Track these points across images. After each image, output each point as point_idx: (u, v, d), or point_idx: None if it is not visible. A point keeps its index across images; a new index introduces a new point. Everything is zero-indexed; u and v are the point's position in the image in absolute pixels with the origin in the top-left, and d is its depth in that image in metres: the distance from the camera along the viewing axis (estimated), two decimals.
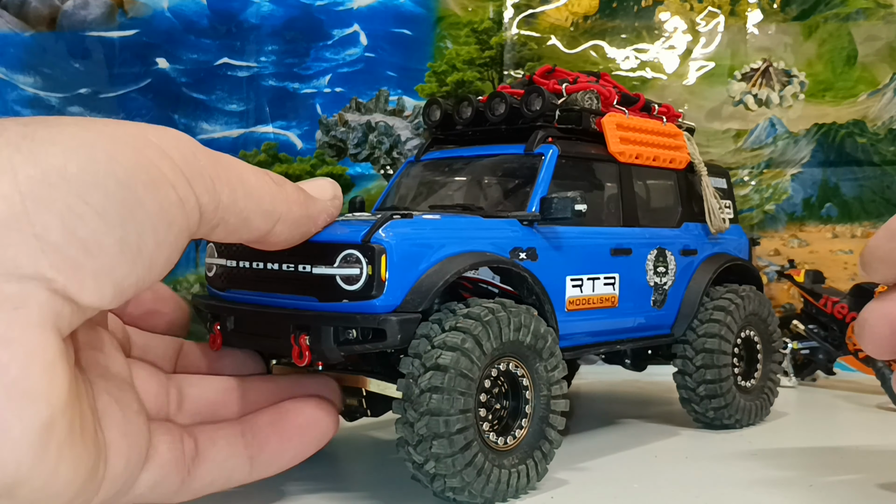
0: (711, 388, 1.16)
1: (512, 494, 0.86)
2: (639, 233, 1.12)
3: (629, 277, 1.09)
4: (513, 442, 0.87)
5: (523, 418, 0.88)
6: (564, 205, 0.95)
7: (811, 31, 1.96)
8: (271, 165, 1.89)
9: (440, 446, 0.79)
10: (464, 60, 1.91)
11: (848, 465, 1.01)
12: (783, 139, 1.93)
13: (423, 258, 0.85)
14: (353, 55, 1.93)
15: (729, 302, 1.20)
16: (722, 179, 1.30)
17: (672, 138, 1.19)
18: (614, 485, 0.93)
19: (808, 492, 0.89)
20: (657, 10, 1.97)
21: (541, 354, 0.89)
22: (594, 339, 1.07)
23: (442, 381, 0.79)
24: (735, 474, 0.96)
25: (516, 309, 0.87)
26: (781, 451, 1.05)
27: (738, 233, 1.32)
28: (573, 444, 1.12)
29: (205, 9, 1.92)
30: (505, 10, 1.95)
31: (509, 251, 0.94)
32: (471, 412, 0.80)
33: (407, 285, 0.83)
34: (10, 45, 1.89)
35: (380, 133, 1.90)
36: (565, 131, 1.08)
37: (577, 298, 1.02)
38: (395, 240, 0.83)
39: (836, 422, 1.33)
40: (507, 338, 0.85)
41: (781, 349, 1.31)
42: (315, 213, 0.80)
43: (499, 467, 0.84)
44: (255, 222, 0.73)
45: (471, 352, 0.81)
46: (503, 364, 0.86)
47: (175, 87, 1.90)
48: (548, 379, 0.90)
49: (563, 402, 0.91)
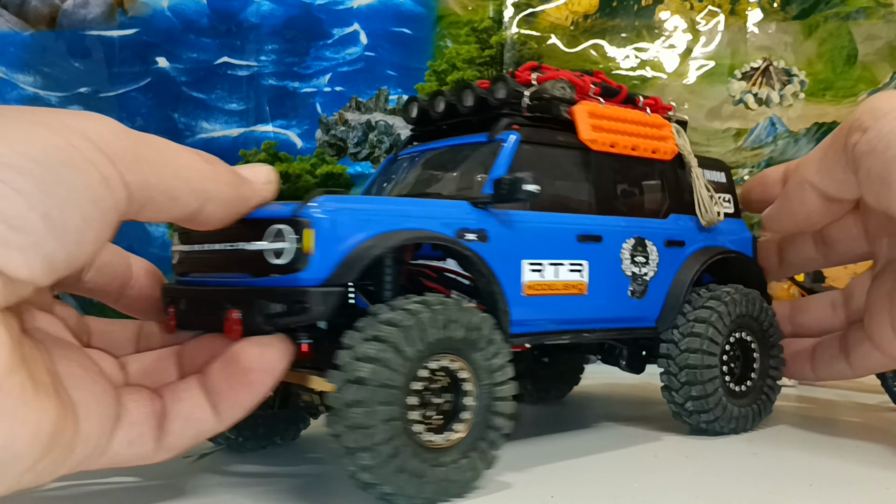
0: (698, 404, 1.12)
1: (458, 489, 0.85)
2: (612, 221, 1.09)
3: (600, 265, 1.06)
4: (454, 438, 0.85)
5: (464, 412, 0.87)
6: (515, 185, 0.94)
7: (811, 30, 1.96)
8: (271, 164, 1.89)
9: (368, 458, 0.79)
10: (464, 59, 1.91)
11: (848, 465, 1.01)
12: (783, 138, 1.93)
13: (353, 234, 0.85)
14: (353, 54, 1.93)
15: (710, 312, 1.13)
16: (720, 173, 1.28)
17: (657, 129, 1.17)
18: (614, 485, 0.93)
19: (808, 492, 0.90)
20: (657, 9, 1.97)
21: (476, 345, 0.87)
22: (559, 326, 1.05)
23: (363, 394, 0.78)
24: (735, 474, 0.96)
25: (443, 305, 0.85)
26: (781, 451, 1.05)
27: (739, 227, 1.28)
28: (573, 444, 1.12)
29: (205, 8, 1.92)
30: (505, 9, 1.95)
31: (455, 231, 0.93)
32: (396, 420, 0.80)
33: (334, 260, 0.83)
34: (10, 44, 1.89)
35: (380, 132, 1.90)
36: (534, 119, 1.07)
37: (536, 283, 1.00)
38: (322, 214, 0.83)
39: (836, 422, 1.33)
40: (435, 337, 0.83)
41: (781, 342, 1.24)
42: (247, 194, 0.82)
43: (437, 466, 0.83)
44: (183, 200, 0.75)
45: (389, 362, 0.80)
46: (436, 361, 0.85)
47: (175, 86, 1.91)
48: (488, 367, 0.88)
49: (508, 388, 0.89)
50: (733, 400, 1.16)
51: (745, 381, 1.18)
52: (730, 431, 1.15)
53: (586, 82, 1.13)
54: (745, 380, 1.18)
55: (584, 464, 1.02)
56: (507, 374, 0.90)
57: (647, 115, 1.18)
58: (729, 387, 1.15)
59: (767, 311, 1.21)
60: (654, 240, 1.14)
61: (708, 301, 1.15)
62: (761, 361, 1.20)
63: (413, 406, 0.82)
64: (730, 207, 1.27)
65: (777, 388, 1.23)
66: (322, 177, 1.90)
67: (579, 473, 0.98)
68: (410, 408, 0.81)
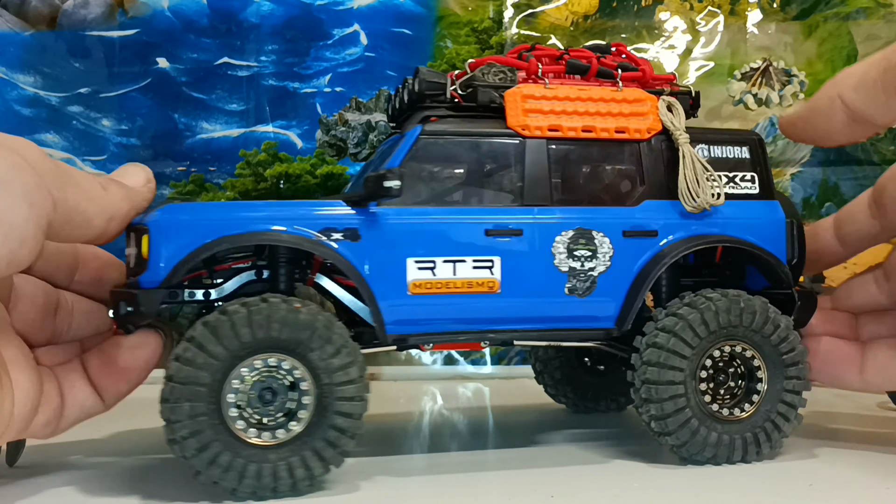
0: (660, 425, 0.99)
1: (287, 486, 0.88)
2: (540, 212, 1.02)
3: (518, 261, 1.00)
4: (284, 436, 0.88)
5: (301, 410, 0.89)
6: (377, 182, 0.93)
7: (811, 30, 1.96)
8: (271, 165, 1.89)
9: (178, 451, 0.85)
10: (464, 60, 1.90)
11: (848, 465, 1.01)
12: (783, 138, 1.93)
13: (187, 239, 0.91)
14: (354, 54, 1.93)
15: (677, 321, 0.99)
16: (741, 147, 1.11)
17: (629, 104, 1.07)
18: (614, 485, 0.93)
19: (808, 491, 0.90)
20: (657, 9, 1.97)
21: (310, 345, 0.88)
22: (463, 325, 1.00)
23: (172, 392, 0.85)
24: (735, 473, 0.96)
25: (264, 305, 0.88)
26: (781, 451, 1.05)
27: (759, 210, 1.09)
28: (573, 444, 1.13)
29: (205, 8, 1.92)
30: (505, 10, 1.95)
31: (318, 231, 0.94)
32: (203, 416, 0.85)
33: (170, 263, 0.90)
34: (10, 45, 1.89)
35: (380, 132, 1.90)
36: (460, 108, 1.05)
37: (426, 282, 0.97)
38: (157, 221, 0.91)
39: (836, 422, 1.33)
40: (252, 336, 0.86)
41: (803, 361, 1.03)
42: (138, 202, 0.92)
43: (261, 462, 0.86)
44: (94, 221, 0.85)
45: (195, 360, 0.85)
46: (262, 360, 0.88)
47: (175, 86, 1.90)
48: (326, 367, 0.89)
49: (351, 388, 0.89)
50: (716, 425, 1.00)
51: (743, 404, 1.02)
52: (706, 461, 1.00)
53: (532, 63, 1.07)
54: (744, 403, 1.02)
55: (583, 463, 1.02)
56: (350, 374, 0.89)
57: (619, 90, 1.08)
58: (709, 409, 1.00)
59: (777, 321, 1.02)
60: (607, 230, 1.03)
61: (680, 308, 1.01)
62: (770, 383, 1.02)
63: (231, 403, 0.86)
64: (750, 188, 1.10)
65: (795, 419, 1.03)
66: (322, 177, 1.90)
67: (579, 473, 0.98)
68: (229, 405, 0.86)
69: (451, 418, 1.40)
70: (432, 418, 1.40)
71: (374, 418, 1.00)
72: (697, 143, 1.08)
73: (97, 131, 1.90)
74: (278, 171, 1.89)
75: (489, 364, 1.90)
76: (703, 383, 1.01)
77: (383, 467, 1.01)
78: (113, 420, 1.03)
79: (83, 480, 0.96)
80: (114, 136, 1.89)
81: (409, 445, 1.19)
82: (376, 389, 0.94)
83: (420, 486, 0.95)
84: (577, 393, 1.37)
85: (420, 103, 1.06)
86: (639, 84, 1.10)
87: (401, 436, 1.25)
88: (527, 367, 1.89)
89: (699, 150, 1.08)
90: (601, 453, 1.07)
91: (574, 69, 1.08)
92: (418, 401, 1.59)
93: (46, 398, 0.88)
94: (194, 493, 0.89)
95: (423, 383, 1.79)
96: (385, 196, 0.94)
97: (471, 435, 1.26)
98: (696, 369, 1.00)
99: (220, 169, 1.90)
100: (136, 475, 0.98)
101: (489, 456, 1.11)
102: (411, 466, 1.05)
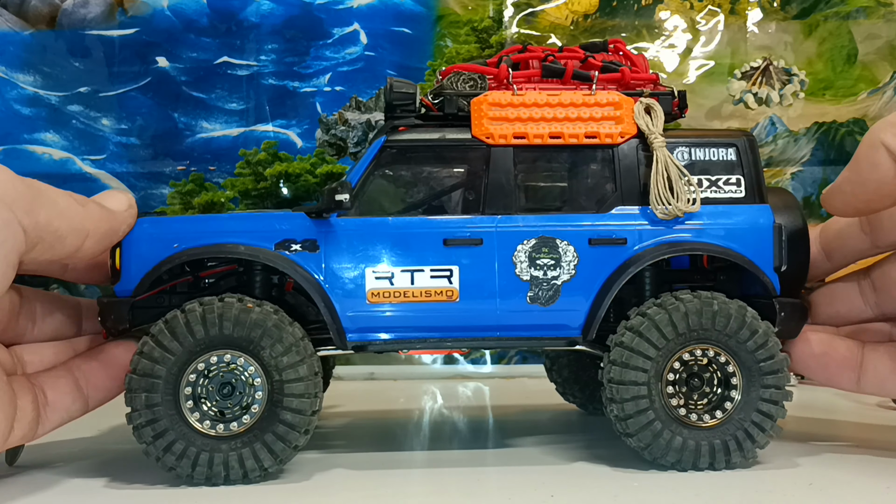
0: (622, 425, 0.98)
1: (238, 476, 0.92)
2: (500, 221, 1.01)
3: (478, 270, 1.00)
4: (237, 428, 0.93)
5: (254, 405, 0.93)
6: (329, 195, 0.96)
7: (811, 29, 1.96)
8: (271, 164, 1.89)
9: (138, 437, 0.92)
10: (464, 59, 1.91)
11: (848, 464, 1.01)
12: (783, 138, 1.93)
13: (154, 252, 0.97)
14: (353, 54, 1.93)
15: (643, 320, 0.97)
16: (727, 149, 1.06)
17: (601, 108, 1.04)
18: (614, 484, 0.93)
19: (808, 491, 0.89)
20: (657, 8, 1.97)
21: (260, 343, 0.93)
22: (420, 333, 1.01)
23: (135, 384, 0.91)
24: (735, 473, 0.96)
25: (216, 304, 0.93)
26: (781, 451, 1.05)
27: (742, 215, 1.04)
28: (573, 444, 1.12)
29: (205, 7, 1.92)
30: (505, 9, 1.95)
31: (276, 243, 0.98)
32: (159, 406, 0.91)
33: (139, 275, 0.97)
34: (10, 44, 1.89)
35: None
36: (429, 118, 1.05)
37: (383, 291, 0.99)
38: (127, 236, 0.97)
39: (836, 422, 1.33)
40: (207, 333, 0.92)
41: (783, 370, 0.99)
42: (117, 225, 0.94)
43: (213, 451, 0.92)
44: (68, 239, 0.87)
45: (153, 355, 0.92)
46: (217, 356, 0.93)
47: (175, 85, 1.91)
48: (276, 365, 0.93)
49: (300, 385, 0.93)
50: (682, 430, 0.97)
51: (714, 411, 0.98)
52: (671, 466, 0.97)
53: (502, 70, 1.06)
54: (715, 410, 0.98)
55: (583, 463, 1.02)
56: (299, 372, 0.94)
57: (592, 93, 1.04)
58: (676, 413, 0.97)
59: (754, 326, 0.98)
60: (571, 238, 1.01)
61: (650, 308, 0.99)
62: (746, 391, 0.98)
63: (188, 396, 0.92)
64: (735, 191, 1.05)
65: (771, 429, 0.99)
66: (322, 176, 1.90)
67: (579, 472, 0.98)
68: (186, 397, 0.92)
69: (451, 417, 1.40)
70: (432, 417, 1.40)
71: (375, 417, 1.01)
72: (678, 145, 1.05)
73: (97, 130, 1.90)
74: (278, 170, 1.89)
75: (489, 363, 1.91)
76: (671, 386, 0.98)
77: (383, 466, 1.01)
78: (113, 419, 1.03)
79: (83, 480, 0.96)
80: (113, 135, 1.89)
81: (409, 444, 1.19)
82: (377, 389, 0.94)
83: (420, 485, 0.95)
84: (584, 393, 1.37)
85: (390, 113, 1.05)
86: (618, 86, 1.08)
87: (401, 435, 1.25)
88: (527, 366, 1.89)
89: (678, 154, 1.05)
90: (601, 453, 1.06)
91: (550, 73, 1.07)
92: (418, 400, 1.59)
93: (22, 413, 0.89)
94: (194, 489, 0.90)
95: (423, 382, 1.79)
96: (337, 209, 0.97)
97: (471, 434, 1.26)
98: (661, 371, 0.98)
99: (220, 168, 1.90)
100: (136, 474, 0.98)
101: (489, 455, 1.10)
102: (411, 465, 1.05)
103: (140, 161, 1.89)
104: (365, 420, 1.31)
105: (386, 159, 1.03)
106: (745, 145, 1.07)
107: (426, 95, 1.06)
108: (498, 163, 1.02)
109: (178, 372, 0.92)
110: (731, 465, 0.97)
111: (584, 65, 1.08)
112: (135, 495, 0.90)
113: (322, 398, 0.98)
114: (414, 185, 1.09)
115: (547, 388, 1.42)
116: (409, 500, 0.89)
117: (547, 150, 1.04)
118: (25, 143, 1.89)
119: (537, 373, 1.60)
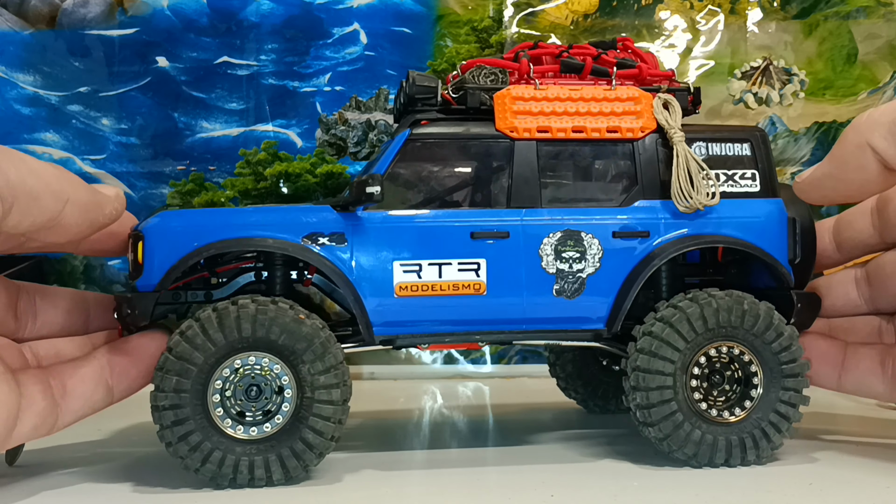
0: (644, 414, 0.99)
1: (245, 481, 0.90)
2: (527, 214, 1.02)
3: (505, 263, 1.00)
4: (256, 434, 0.91)
5: (279, 415, 0.92)
6: (360, 188, 0.96)
7: (811, 29, 1.96)
8: (271, 164, 1.89)
9: (162, 436, 0.90)
10: (464, 59, 1.91)
11: (848, 464, 1.01)
12: (783, 137, 1.93)
13: (180, 245, 0.95)
14: (353, 53, 1.93)
15: (675, 312, 0.98)
16: (742, 144, 1.08)
17: (622, 103, 1.05)
18: (614, 484, 0.93)
19: (808, 491, 0.90)
20: (657, 8, 1.97)
21: (302, 356, 0.91)
22: (448, 327, 1.01)
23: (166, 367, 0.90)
24: (734, 473, 0.96)
25: (270, 307, 0.91)
26: (781, 450, 1.05)
27: (758, 209, 1.06)
28: (573, 443, 1.13)
29: (205, 7, 1.91)
30: (505, 9, 1.95)
31: (303, 237, 0.97)
32: (186, 393, 0.89)
33: (163, 268, 0.94)
34: (10, 44, 1.89)
35: (380, 132, 1.90)
36: (452, 112, 1.05)
37: (411, 284, 0.99)
38: (152, 228, 0.95)
39: (836, 420, 1.33)
40: (254, 334, 0.90)
41: (803, 374, 1.01)
42: (101, 200, 0.89)
43: (226, 452, 0.90)
44: (45, 201, 0.81)
45: (184, 353, 0.89)
46: (255, 358, 0.91)
47: (175, 85, 1.90)
48: (312, 382, 0.92)
49: (329, 409, 0.92)
50: (701, 423, 0.98)
51: (734, 408, 1.00)
52: (686, 458, 0.98)
53: (524, 64, 1.06)
54: (735, 407, 1.00)
55: (583, 463, 1.02)
56: (332, 395, 0.92)
57: (612, 88, 1.07)
58: (697, 407, 0.99)
59: (780, 329, 1.00)
60: (596, 232, 1.03)
61: (682, 301, 1.00)
62: (766, 391, 1.00)
63: (217, 389, 0.90)
64: (751, 185, 1.07)
65: (787, 430, 1.01)
66: (322, 176, 1.90)
67: (579, 472, 0.98)
68: (215, 390, 0.90)
69: (451, 417, 1.40)
70: (432, 417, 1.40)
71: (375, 416, 1.01)
72: (695, 140, 1.07)
73: (97, 130, 1.89)
74: (278, 170, 1.89)
75: (489, 363, 1.91)
76: (695, 380, 0.99)
77: (383, 465, 1.01)
78: (113, 419, 1.03)
79: (83, 480, 0.96)
80: (113, 135, 1.89)
81: (409, 444, 1.19)
82: (377, 388, 0.94)
83: (420, 484, 0.96)
84: (587, 390, 1.36)
85: (412, 107, 1.06)
86: (636, 81, 1.09)
87: (401, 434, 1.25)
88: (527, 366, 1.89)
89: (696, 148, 1.06)
90: (601, 452, 1.07)
91: (569, 68, 1.08)
92: (418, 399, 1.59)
93: (28, 403, 0.87)
94: (194, 490, 0.90)
95: (424, 382, 1.79)
96: (367, 201, 0.96)
97: (471, 434, 1.26)
98: (688, 364, 0.99)
99: (220, 168, 1.90)
100: (136, 473, 0.98)
101: (489, 454, 1.11)
102: (411, 465, 1.05)
103: (140, 161, 1.89)
104: (365, 420, 1.32)
105: (411, 153, 1.03)
106: (759, 140, 1.09)
107: (446, 90, 1.06)
108: (522, 156, 1.03)
109: (215, 364, 0.90)
110: (746, 462, 0.99)
111: (599, 61, 1.09)
112: (135, 496, 0.90)
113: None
114: (438, 178, 1.08)
115: (547, 387, 1.42)
116: (409, 500, 0.89)
117: (570, 145, 1.05)
118: (25, 143, 1.88)
119: (537, 372, 1.61)
